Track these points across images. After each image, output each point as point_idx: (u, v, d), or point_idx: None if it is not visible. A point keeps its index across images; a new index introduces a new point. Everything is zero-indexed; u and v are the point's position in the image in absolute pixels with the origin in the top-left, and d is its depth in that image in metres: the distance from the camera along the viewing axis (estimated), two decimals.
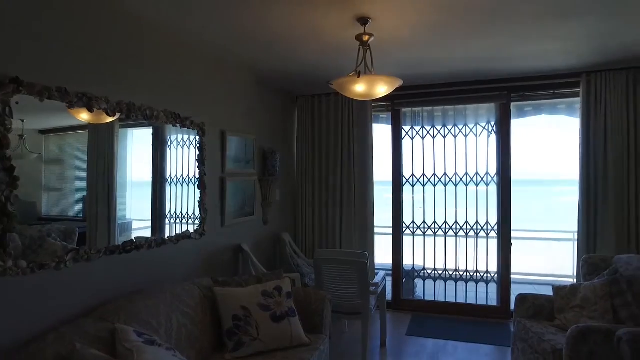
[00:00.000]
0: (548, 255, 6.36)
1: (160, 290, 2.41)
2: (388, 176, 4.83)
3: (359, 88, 2.60)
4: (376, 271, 4.66)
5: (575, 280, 5.83)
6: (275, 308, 2.63)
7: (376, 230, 4.78)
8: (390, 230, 4.87)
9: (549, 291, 3.26)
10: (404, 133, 4.78)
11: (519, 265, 4.80)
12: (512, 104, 4.37)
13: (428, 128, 4.71)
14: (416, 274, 4.81)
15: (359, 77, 2.51)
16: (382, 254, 5.53)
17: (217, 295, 2.61)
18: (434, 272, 4.73)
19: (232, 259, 3.67)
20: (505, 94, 4.32)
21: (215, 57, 3.45)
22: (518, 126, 4.63)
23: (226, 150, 3.54)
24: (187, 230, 3.06)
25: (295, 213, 4.92)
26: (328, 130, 4.77)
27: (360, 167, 4.67)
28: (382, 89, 2.65)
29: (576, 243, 4.29)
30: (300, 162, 4.90)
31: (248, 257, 3.65)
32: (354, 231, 4.64)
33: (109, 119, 2.35)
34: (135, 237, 2.61)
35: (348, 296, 3.30)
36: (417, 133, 4.74)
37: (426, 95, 4.56)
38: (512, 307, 4.38)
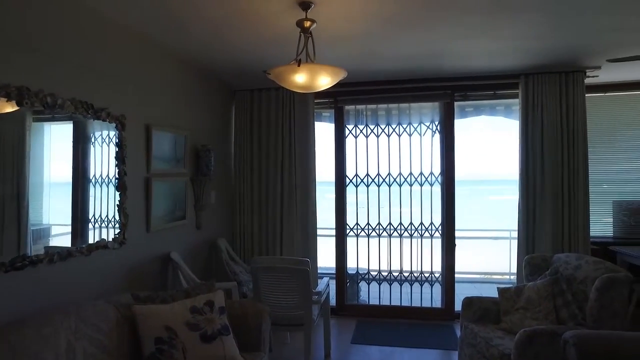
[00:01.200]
0: (488, 254, 6.54)
1: (63, 314, 2.00)
2: (331, 176, 4.63)
3: (299, 78, 2.36)
4: (319, 275, 4.46)
5: (511, 278, 6.01)
6: (205, 326, 2.30)
7: (320, 232, 4.57)
8: (334, 232, 4.68)
9: (490, 290, 3.22)
10: (347, 131, 4.61)
11: (461, 264, 4.80)
12: (455, 103, 4.35)
13: (372, 127, 4.58)
14: (361, 277, 4.66)
15: (299, 65, 2.26)
16: (326, 257, 5.33)
17: (137, 315, 2.24)
18: (378, 274, 4.60)
19: (159, 270, 3.27)
20: (449, 93, 4.28)
21: (141, 43, 3.05)
22: (459, 127, 4.65)
23: (152, 147, 3.14)
24: (103, 239, 2.64)
25: (233, 216, 4.58)
26: (268, 127, 4.49)
27: (302, 167, 4.43)
28: (324, 80, 2.42)
29: (515, 242, 4.34)
30: (238, 161, 4.57)
31: (178, 267, 3.26)
32: (295, 234, 4.39)
33: (8, 109, 1.93)
34: (45, 247, 2.20)
35: (289, 306, 3.05)
36: (361, 132, 4.59)
37: (370, 93, 4.42)
38: (457, 308, 4.40)
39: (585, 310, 2.71)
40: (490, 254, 6.30)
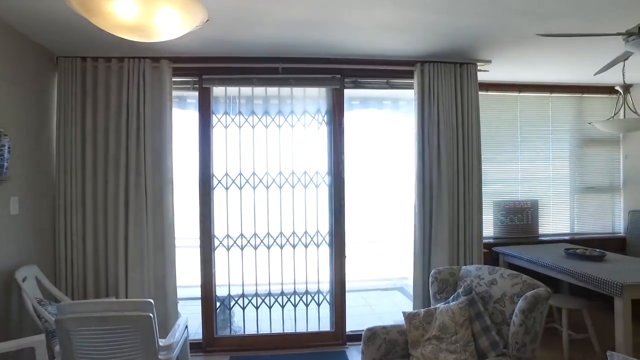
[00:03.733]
0: (376, 258, 6.19)
1: None
2: (195, 176, 3.63)
3: (123, 9, 1.38)
4: (181, 300, 3.44)
5: (405, 282, 5.71)
6: None
7: (180, 244, 3.54)
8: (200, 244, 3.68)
9: (382, 299, 2.64)
10: (215, 120, 3.66)
11: (349, 272, 4.21)
12: (345, 92, 3.74)
13: (247, 116, 3.71)
14: (234, 302, 3.75)
15: None
16: (189, 275, 4.29)
17: None
18: (255, 297, 3.75)
19: None
20: (338, 78, 3.64)
21: None
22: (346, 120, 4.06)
23: None
24: None
25: (55, 233, 3.27)
26: (107, 109, 3.30)
27: (154, 164, 3.35)
28: (169, 19, 1.49)
29: (403, 244, 3.93)
30: (61, 155, 3.27)
31: None
32: (146, 253, 3.30)
33: None
34: None
35: None
36: (233, 121, 3.69)
37: (245, 72, 3.55)
38: (350, 328, 3.81)
39: (505, 335, 2.27)
40: (378, 257, 5.97)
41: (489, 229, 4.57)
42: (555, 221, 4.78)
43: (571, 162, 4.81)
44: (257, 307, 3.72)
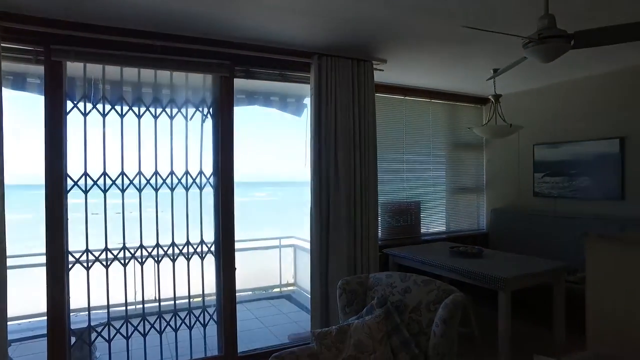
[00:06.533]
0: (265, 264, 5.77)
1: None
2: (40, 177, 2.80)
3: None
4: (13, 342, 2.59)
5: (296, 289, 5.42)
6: None
7: (14, 263, 2.68)
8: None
9: (270, 310, 2.33)
10: (70, 105, 2.88)
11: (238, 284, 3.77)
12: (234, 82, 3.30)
13: (114, 103, 3.01)
14: (96, 334, 3.00)
15: None
16: (27, 304, 3.37)
17: None
18: (125, 324, 3.06)
19: None
20: (227, 64, 3.18)
21: None
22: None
23: None
24: None
25: None
26: None
27: None
28: None
29: (300, 250, 3.66)
30: None
31: None
32: None
33: None
34: None
35: None
36: (95, 107, 2.95)
37: (111, 47, 2.85)
38: (241, 348, 3.37)
39: (424, 346, 2.13)
40: (265, 264, 5.58)
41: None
42: (434, 221, 5.04)
43: (447, 165, 5.14)
44: (127, 337, 3.04)
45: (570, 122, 4.44)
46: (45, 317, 2.81)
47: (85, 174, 2.92)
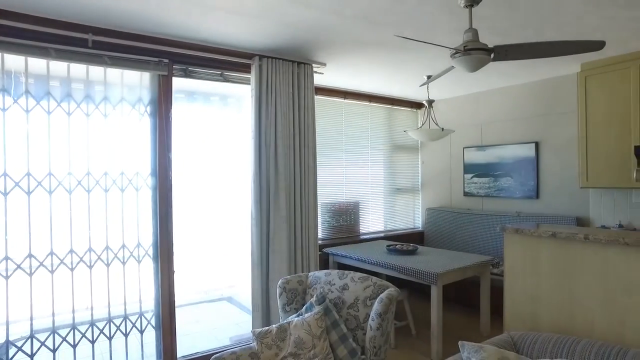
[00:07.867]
0: (204, 269, 5.62)
1: None
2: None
3: None
4: None
5: (238, 291, 5.34)
6: None
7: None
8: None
9: (210, 313, 2.33)
10: None
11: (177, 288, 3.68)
12: (173, 81, 3.23)
13: (40, 98, 2.83)
14: (15, 349, 2.79)
15: None
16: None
17: None
18: (52, 335, 2.88)
19: None
20: (166, 62, 3.11)
21: None
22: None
23: None
24: None
25: None
26: None
27: None
28: None
29: (239, 251, 3.66)
30: None
31: None
32: None
33: None
34: None
35: None
36: (16, 102, 2.76)
37: (37, 38, 2.67)
38: (181, 354, 3.29)
39: (361, 340, 2.23)
40: (204, 266, 5.44)
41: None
42: (372, 220, 5.22)
43: (385, 166, 5.35)
44: (54, 350, 2.86)
45: (495, 127, 4.82)
46: None
47: (5, 174, 2.72)
